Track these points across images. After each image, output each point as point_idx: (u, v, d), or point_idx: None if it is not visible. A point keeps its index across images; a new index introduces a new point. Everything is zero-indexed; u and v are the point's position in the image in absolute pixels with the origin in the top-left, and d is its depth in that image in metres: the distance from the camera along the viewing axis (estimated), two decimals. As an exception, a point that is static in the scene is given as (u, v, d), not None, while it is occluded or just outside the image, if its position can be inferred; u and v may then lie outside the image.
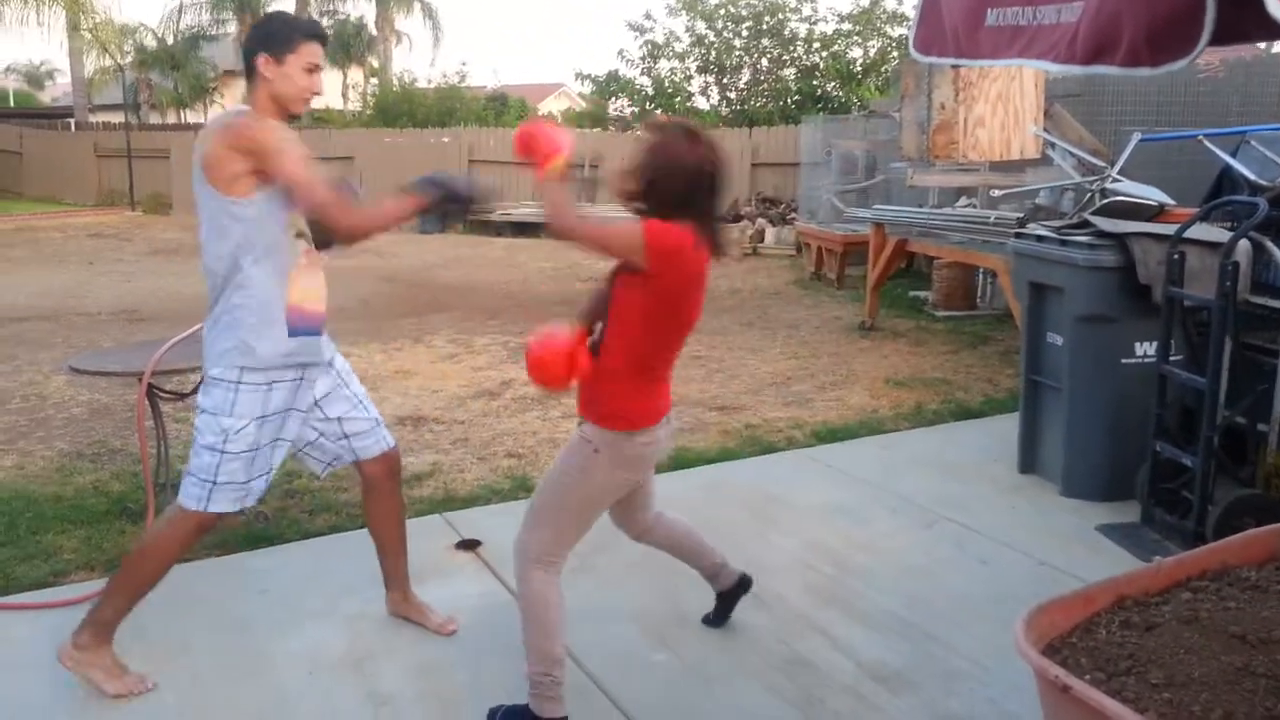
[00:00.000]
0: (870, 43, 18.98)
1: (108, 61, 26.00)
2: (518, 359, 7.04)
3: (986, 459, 4.75)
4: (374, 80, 27.99)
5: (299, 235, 2.74)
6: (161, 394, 3.91)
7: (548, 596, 2.55)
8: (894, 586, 3.44)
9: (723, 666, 2.93)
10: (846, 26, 19.04)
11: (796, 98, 18.96)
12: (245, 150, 2.52)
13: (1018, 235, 4.63)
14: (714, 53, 19.74)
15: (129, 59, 27.73)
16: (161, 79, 29.74)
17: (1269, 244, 3.74)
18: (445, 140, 18.50)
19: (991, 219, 6.53)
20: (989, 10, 1.78)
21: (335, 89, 31.33)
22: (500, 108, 23.93)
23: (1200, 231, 3.85)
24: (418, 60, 48.23)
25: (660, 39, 20.15)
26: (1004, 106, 6.71)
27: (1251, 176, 4.61)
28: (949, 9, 1.99)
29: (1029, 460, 4.52)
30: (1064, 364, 4.20)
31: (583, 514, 2.61)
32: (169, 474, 4.04)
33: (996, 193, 7.04)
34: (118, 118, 25.76)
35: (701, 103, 20.39)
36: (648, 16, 21.53)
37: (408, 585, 3.20)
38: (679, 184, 2.46)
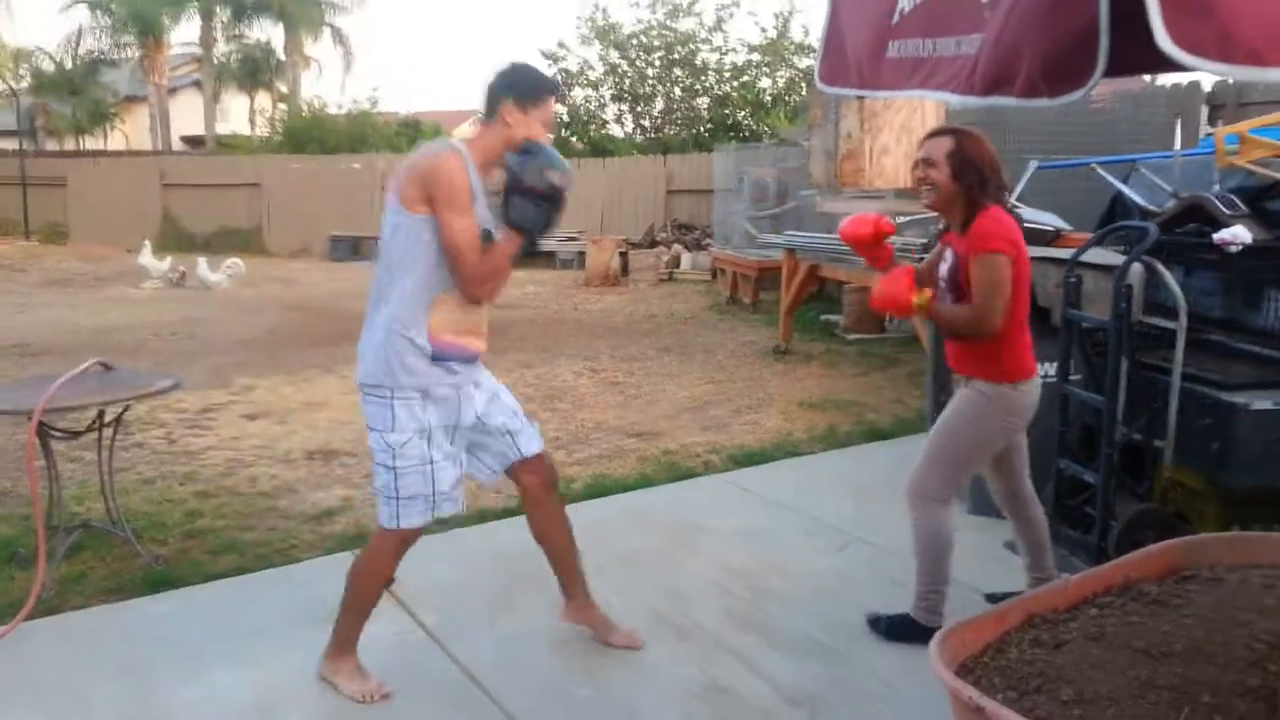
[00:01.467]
0: (779, 73, 19.38)
1: (1, 86, 25.00)
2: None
3: (897, 479, 4.76)
4: (282, 106, 27.46)
5: None
6: (54, 432, 3.73)
7: (941, 527, 3.11)
8: (809, 609, 3.46)
9: (644, 698, 2.90)
10: (755, 57, 19.40)
11: (709, 126, 19.23)
12: (428, 188, 2.63)
13: (920, 259, 4.73)
14: (628, 81, 19.91)
15: (24, 84, 26.74)
16: (59, 104, 28.76)
17: (1160, 267, 3.89)
18: (356, 166, 18.24)
19: (897, 245, 6.67)
20: (890, 42, 1.82)
21: (242, 114, 30.69)
22: (414, 134, 23.70)
23: (1095, 255, 3.99)
24: (328, 86, 47.70)
25: (574, 67, 20.26)
26: (908, 136, 6.88)
27: (1142, 202, 4.80)
28: (852, 41, 2.03)
29: (939, 480, 4.59)
30: (970, 385, 4.29)
31: (971, 457, 3.12)
32: (62, 516, 3.85)
33: (901, 219, 7.20)
34: (12, 144, 24.77)
35: (617, 130, 20.54)
36: (561, 45, 21.62)
37: (587, 592, 3.23)
38: (996, 172, 2.94)
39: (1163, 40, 1.19)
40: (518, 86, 2.73)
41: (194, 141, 28.50)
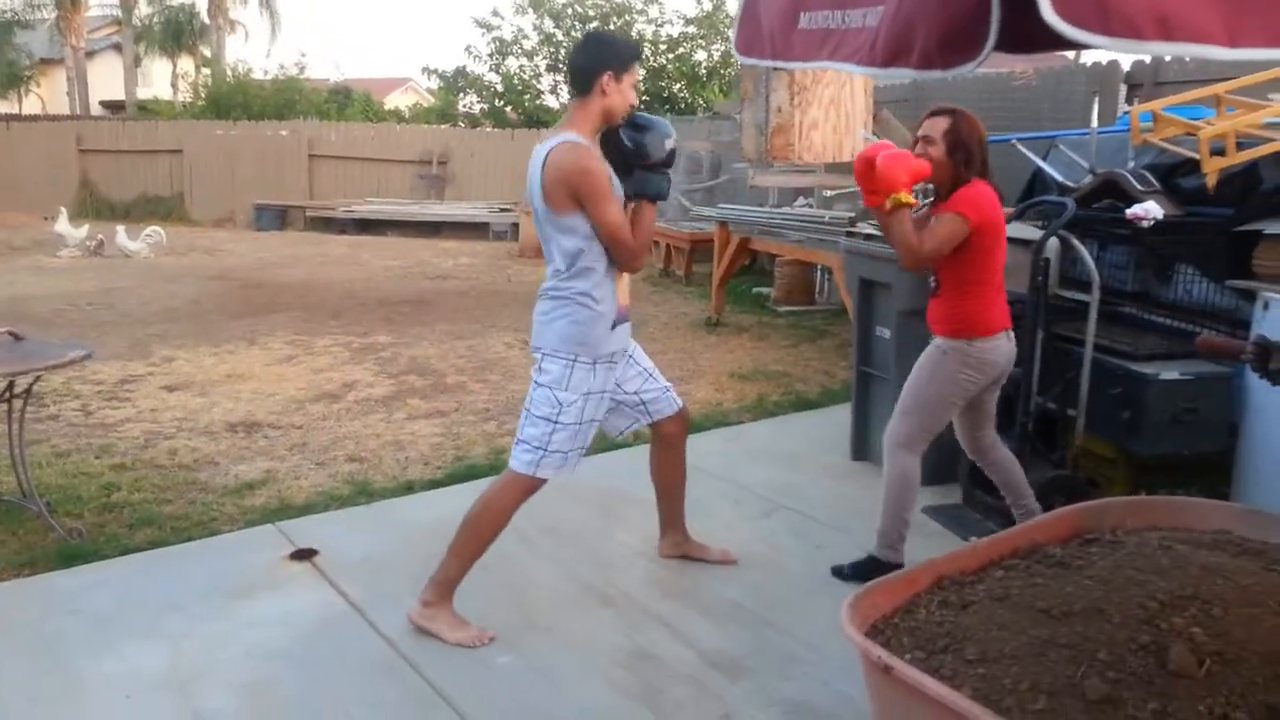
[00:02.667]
0: (714, 46, 19.33)
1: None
2: (361, 360, 6.85)
3: (823, 448, 4.91)
4: (206, 71, 26.63)
5: None
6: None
7: (909, 474, 3.32)
8: (734, 576, 3.51)
9: (567, 665, 2.93)
10: (691, 29, 19.33)
11: (645, 99, 19.12)
12: (573, 190, 2.85)
13: (849, 234, 4.81)
14: (562, 51, 19.69)
15: (-71, 43, 25.55)
16: (-31, 66, 27.56)
17: (1075, 241, 4.00)
18: (284, 134, 17.79)
19: (826, 218, 6.76)
20: (801, 13, 1.84)
21: (164, 79, 29.70)
22: (344, 101, 23.19)
23: (1014, 230, 4.07)
24: (254, 51, 46.39)
25: (508, 36, 19.98)
26: (836, 110, 6.94)
27: (1060, 178, 4.91)
28: (766, 11, 2.05)
29: (861, 448, 4.69)
30: (890, 356, 4.38)
31: (934, 408, 3.28)
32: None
33: (829, 193, 7.29)
34: (-84, 106, 23.69)
35: (551, 101, 20.33)
36: (495, 14, 21.31)
37: (685, 527, 3.64)
38: (983, 150, 3.17)
39: (1047, 13, 1.24)
40: (611, 58, 2.92)
41: (113, 106, 27.50)
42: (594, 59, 2.93)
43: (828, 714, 2.69)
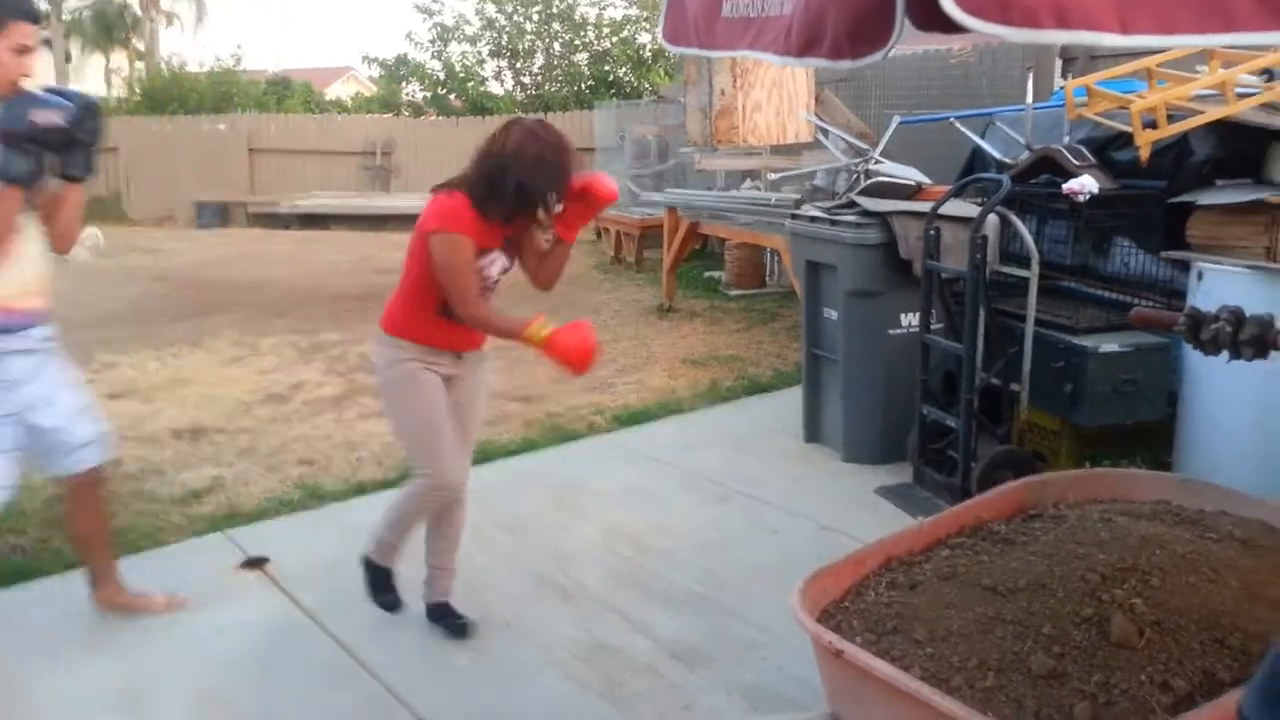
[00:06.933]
0: (658, 29, 19.25)
1: None
2: (309, 359, 6.75)
3: (775, 431, 4.95)
4: (139, 65, 26.03)
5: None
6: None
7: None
8: (690, 563, 3.52)
9: (525, 661, 2.92)
10: (634, 12, 19.26)
11: (590, 83, 19.03)
12: None
13: (794, 216, 4.83)
14: (506, 37, 19.52)
15: None
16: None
17: (1013, 217, 4.05)
18: (221, 128, 17.45)
19: (772, 201, 6.78)
20: (724, 2, 1.85)
21: (97, 74, 28.99)
22: (283, 92, 22.78)
23: (953, 208, 4.13)
24: (190, 43, 45.56)
25: (450, 22, 19.75)
26: (778, 92, 6.95)
27: (997, 155, 4.97)
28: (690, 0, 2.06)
29: (813, 430, 4.73)
30: (839, 337, 4.41)
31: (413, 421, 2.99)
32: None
33: (774, 175, 7.31)
34: None
35: (496, 87, 20.15)
36: (435, -1, 21.02)
37: (118, 577, 3.21)
38: (484, 178, 2.83)
39: (947, 4, 1.27)
40: None
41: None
42: None
43: (785, 699, 2.72)
